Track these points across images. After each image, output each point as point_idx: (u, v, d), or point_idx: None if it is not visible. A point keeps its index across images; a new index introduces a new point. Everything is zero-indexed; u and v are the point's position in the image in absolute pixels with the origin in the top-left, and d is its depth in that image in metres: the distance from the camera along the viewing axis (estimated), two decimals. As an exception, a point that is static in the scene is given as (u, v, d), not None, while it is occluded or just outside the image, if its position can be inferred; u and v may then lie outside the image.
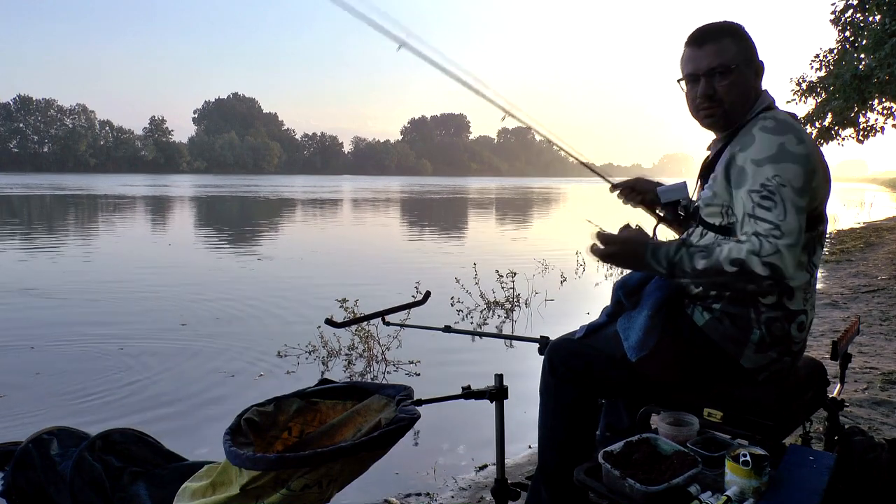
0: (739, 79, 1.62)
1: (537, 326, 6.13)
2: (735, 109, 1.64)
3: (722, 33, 1.64)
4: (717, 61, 1.62)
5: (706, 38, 1.65)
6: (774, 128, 1.52)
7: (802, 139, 1.51)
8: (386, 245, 14.01)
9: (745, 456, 1.32)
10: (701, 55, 1.64)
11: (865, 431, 1.94)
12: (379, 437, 1.65)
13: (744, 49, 1.64)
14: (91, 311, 6.77)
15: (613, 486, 1.41)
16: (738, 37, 1.64)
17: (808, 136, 1.54)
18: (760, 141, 1.52)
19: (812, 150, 1.52)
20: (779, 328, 1.58)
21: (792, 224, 1.42)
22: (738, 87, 1.62)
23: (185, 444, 2.73)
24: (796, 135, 1.51)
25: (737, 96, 1.63)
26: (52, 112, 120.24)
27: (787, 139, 1.50)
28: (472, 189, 55.18)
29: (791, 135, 1.51)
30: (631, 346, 1.62)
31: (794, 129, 1.53)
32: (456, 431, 3.52)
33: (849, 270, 9.06)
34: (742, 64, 1.62)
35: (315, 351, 5.03)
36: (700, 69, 1.64)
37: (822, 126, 13.74)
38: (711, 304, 1.62)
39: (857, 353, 4.46)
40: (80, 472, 2.07)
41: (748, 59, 1.64)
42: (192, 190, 45.21)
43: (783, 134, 1.51)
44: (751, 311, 1.58)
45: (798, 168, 1.47)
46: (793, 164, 1.47)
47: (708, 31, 1.66)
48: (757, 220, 1.44)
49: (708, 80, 1.63)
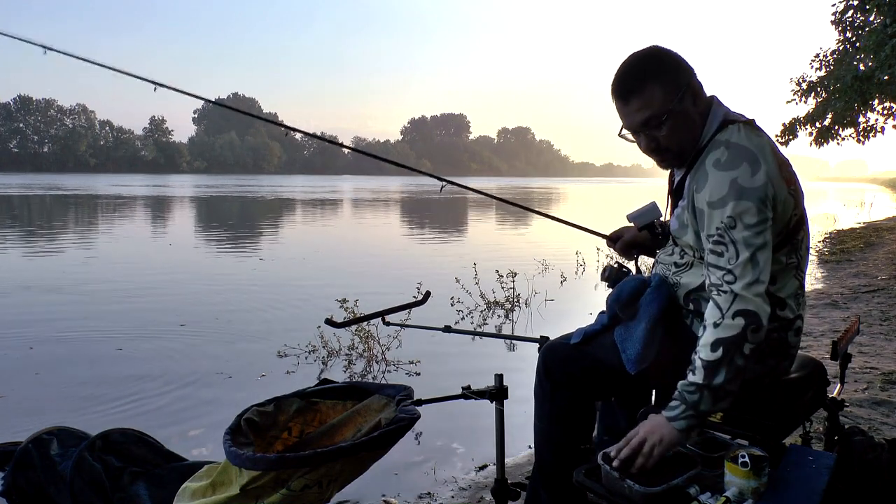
0: (676, 122, 1.53)
1: (537, 326, 6.13)
2: (684, 148, 1.58)
3: (644, 79, 1.52)
4: (646, 114, 1.52)
5: (629, 89, 1.54)
6: (726, 161, 1.45)
7: (757, 166, 1.44)
8: (386, 245, 14.01)
9: (744, 457, 1.32)
10: (629, 111, 1.55)
11: (865, 431, 1.94)
12: (379, 437, 1.65)
13: (671, 87, 1.52)
14: (91, 311, 6.76)
15: (612, 487, 1.41)
16: (660, 75, 1.53)
17: (764, 159, 1.45)
18: (713, 180, 1.46)
19: (767, 177, 1.44)
20: (776, 338, 1.57)
21: (743, 263, 1.39)
22: (678, 130, 1.54)
23: (185, 444, 2.74)
24: (750, 162, 1.44)
25: (680, 137, 1.55)
26: (52, 112, 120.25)
27: (740, 173, 1.43)
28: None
29: (745, 165, 1.44)
30: (630, 359, 1.60)
31: (748, 156, 1.45)
32: (456, 431, 3.51)
33: (849, 270, 9.05)
34: (675, 105, 1.51)
35: (315, 351, 5.02)
36: (634, 126, 1.57)
37: (823, 126, 13.74)
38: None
39: (857, 353, 4.46)
40: (80, 472, 2.07)
41: (679, 96, 1.52)
42: (192, 190, 45.20)
43: (735, 168, 1.44)
44: None
45: (750, 204, 1.41)
46: (745, 200, 1.41)
47: (629, 79, 1.55)
48: (711, 270, 1.44)
49: (646, 135, 1.56)
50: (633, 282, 1.70)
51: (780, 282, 1.55)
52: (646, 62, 1.55)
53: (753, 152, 1.46)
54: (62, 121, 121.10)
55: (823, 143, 14.07)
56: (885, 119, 13.98)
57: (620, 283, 1.73)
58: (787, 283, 1.57)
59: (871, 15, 11.04)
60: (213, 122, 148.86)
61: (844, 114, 12.75)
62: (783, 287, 1.56)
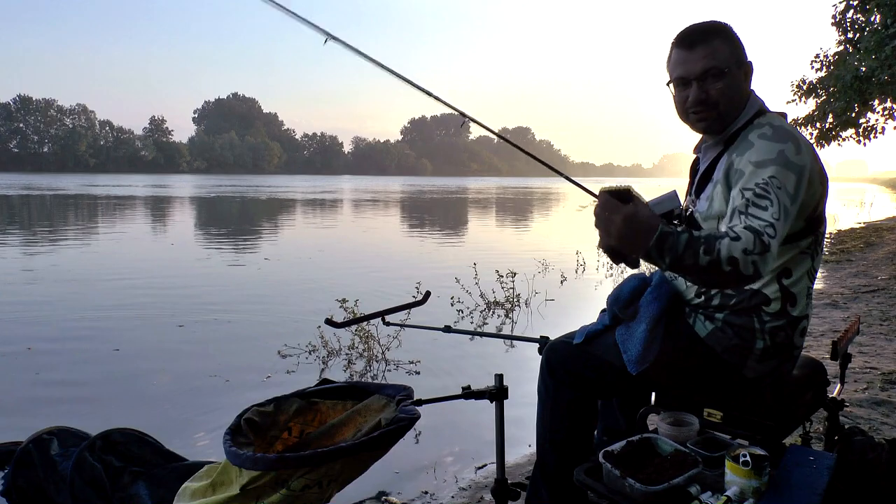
0: (732, 82, 1.58)
1: (537, 326, 6.12)
2: (729, 112, 1.61)
3: (712, 34, 1.59)
4: (709, 64, 1.57)
5: (696, 39, 1.59)
6: (773, 135, 1.50)
7: (800, 148, 1.48)
8: (386, 245, 14.00)
9: (745, 456, 1.32)
10: (692, 58, 1.58)
11: (865, 431, 1.94)
12: (379, 437, 1.65)
13: (734, 50, 1.60)
14: (90, 311, 6.76)
15: (614, 485, 1.41)
16: (727, 37, 1.60)
17: (805, 144, 1.51)
18: (759, 147, 1.48)
19: (809, 159, 1.49)
20: (782, 336, 1.56)
21: (782, 228, 1.36)
22: (731, 89, 1.58)
23: (185, 444, 2.74)
24: (794, 143, 1.48)
25: (730, 99, 1.59)
26: (52, 112, 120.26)
27: (787, 147, 1.47)
28: (472, 189, 55.33)
29: (790, 143, 1.48)
30: (631, 359, 1.61)
31: (793, 137, 1.50)
32: (456, 431, 3.51)
33: (849, 270, 9.05)
34: (734, 66, 1.58)
35: (315, 351, 5.02)
36: (692, 73, 1.59)
37: (823, 127, 13.72)
38: (714, 314, 1.60)
39: (857, 353, 4.46)
40: (80, 472, 2.07)
41: (739, 60, 1.60)
42: (192, 190, 45.21)
43: (783, 142, 1.48)
44: (754, 320, 1.56)
45: (794, 176, 1.43)
46: (790, 171, 1.43)
47: (697, 31, 1.61)
48: (751, 216, 1.35)
49: (700, 84, 1.59)
50: (633, 281, 1.70)
51: (794, 274, 1.55)
52: (716, 24, 1.63)
53: (797, 136, 1.52)
54: (62, 121, 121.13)
55: (824, 144, 14.05)
56: (886, 119, 13.98)
57: (621, 283, 1.73)
58: (801, 279, 1.57)
59: (871, 15, 11.03)
60: (213, 122, 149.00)
61: (844, 114, 12.73)
62: (796, 282, 1.55)
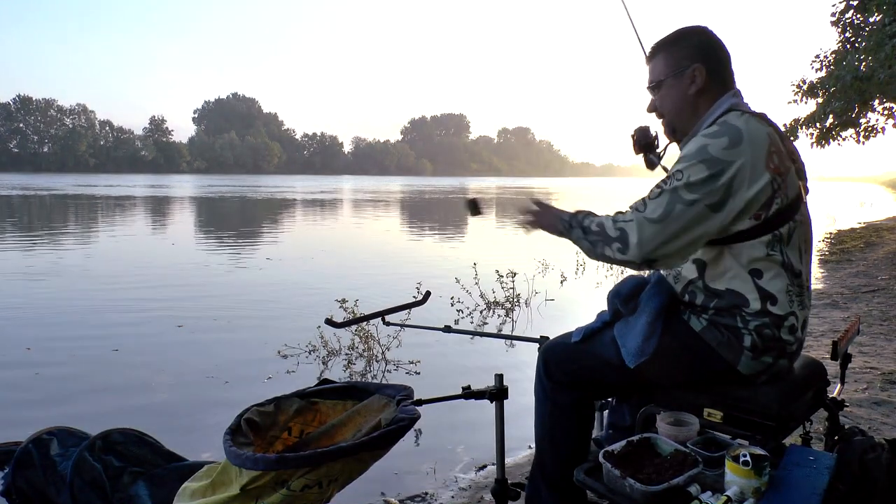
0: (668, 92, 1.68)
1: (537, 326, 6.12)
2: (674, 121, 1.71)
3: (658, 49, 1.71)
4: (652, 78, 1.71)
5: (649, 55, 1.74)
6: (711, 133, 1.52)
7: (736, 145, 1.47)
8: (386, 245, 14.00)
9: (745, 456, 1.32)
10: (648, 71, 1.75)
11: (865, 431, 1.94)
12: (379, 437, 1.65)
13: (675, 61, 1.66)
14: (90, 311, 6.76)
15: (614, 485, 1.41)
16: (671, 49, 1.68)
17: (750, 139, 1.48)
18: (691, 144, 1.55)
19: (742, 154, 1.46)
20: (769, 334, 1.56)
21: (658, 204, 1.46)
22: (670, 99, 1.68)
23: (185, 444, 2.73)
24: (731, 138, 1.48)
25: (669, 108, 1.69)
26: (52, 112, 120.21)
27: (714, 142, 1.48)
28: (472, 189, 55.33)
29: (725, 139, 1.48)
30: (629, 352, 1.61)
31: (732, 133, 1.48)
32: (456, 431, 3.52)
33: (849, 270, 9.05)
34: (671, 77, 1.66)
35: (315, 351, 5.03)
36: (647, 85, 1.75)
37: (823, 127, 13.70)
38: (701, 314, 1.62)
39: (857, 353, 4.46)
40: (80, 472, 2.07)
41: (678, 71, 1.65)
42: (193, 190, 45.20)
43: (715, 138, 1.50)
44: (737, 319, 1.57)
45: (704, 167, 1.46)
46: (701, 164, 1.47)
47: (652, 47, 1.74)
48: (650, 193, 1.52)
49: (652, 96, 1.73)
50: (633, 279, 1.73)
51: (766, 275, 1.55)
52: (670, 36, 1.71)
53: (741, 132, 1.51)
54: (62, 121, 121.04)
55: (825, 144, 14.04)
56: (886, 119, 13.98)
57: (621, 281, 1.75)
58: (775, 279, 1.55)
59: (871, 15, 11.03)
60: (213, 122, 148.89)
61: (844, 114, 12.73)
62: (771, 281, 1.55)
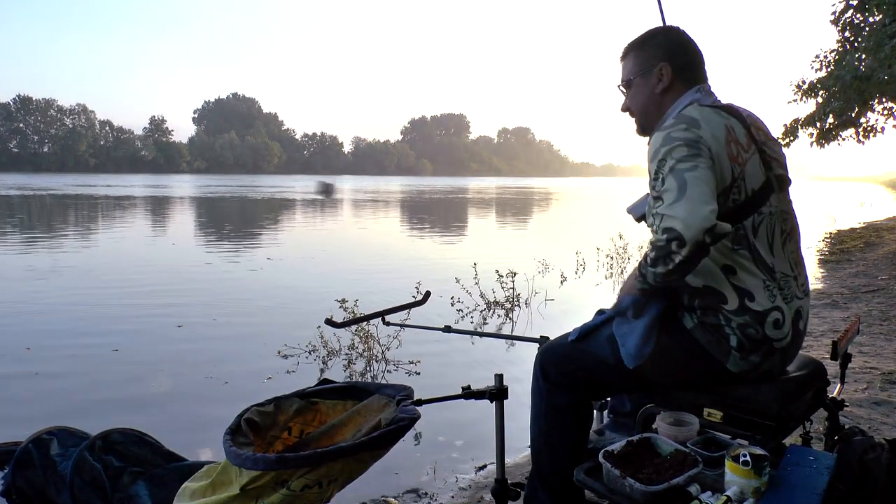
0: (637, 90, 1.76)
1: (537, 326, 6.13)
2: (642, 118, 1.78)
3: (629, 49, 1.78)
4: (623, 77, 1.80)
5: (623, 54, 1.81)
6: (668, 125, 1.57)
7: (694, 128, 1.52)
8: (386, 245, 14.00)
9: (745, 456, 1.32)
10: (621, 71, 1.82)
11: (865, 431, 1.94)
12: (379, 437, 1.65)
13: (642, 60, 1.74)
14: (89, 311, 6.76)
15: (613, 485, 1.41)
16: (639, 50, 1.76)
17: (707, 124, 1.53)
18: (653, 140, 1.58)
19: (702, 135, 1.51)
20: (753, 332, 1.56)
21: (670, 188, 1.44)
22: (638, 97, 1.76)
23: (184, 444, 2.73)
24: (688, 124, 1.53)
25: (638, 106, 1.77)
26: (52, 112, 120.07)
27: (675, 128, 1.53)
28: (472, 189, 55.35)
29: (682, 125, 1.54)
30: (629, 353, 1.61)
31: (688, 121, 1.54)
32: (456, 431, 3.52)
33: (849, 270, 9.05)
34: (639, 76, 1.74)
35: (315, 351, 5.03)
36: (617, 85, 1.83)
37: (823, 127, 13.71)
38: (692, 312, 1.63)
39: (857, 353, 4.46)
40: (80, 472, 2.07)
41: (644, 69, 1.73)
42: (193, 190, 45.20)
43: (672, 127, 1.54)
44: (720, 317, 1.58)
45: (679, 143, 1.49)
46: (674, 142, 1.50)
47: (625, 46, 1.80)
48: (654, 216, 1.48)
49: (623, 96, 1.82)
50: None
51: (739, 272, 1.56)
52: (641, 36, 1.79)
53: (696, 120, 1.55)
54: (62, 121, 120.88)
55: (825, 144, 14.04)
56: (886, 119, 13.98)
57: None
58: (748, 275, 1.56)
59: (871, 15, 11.03)
60: (213, 122, 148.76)
61: (844, 114, 12.72)
62: (745, 278, 1.56)
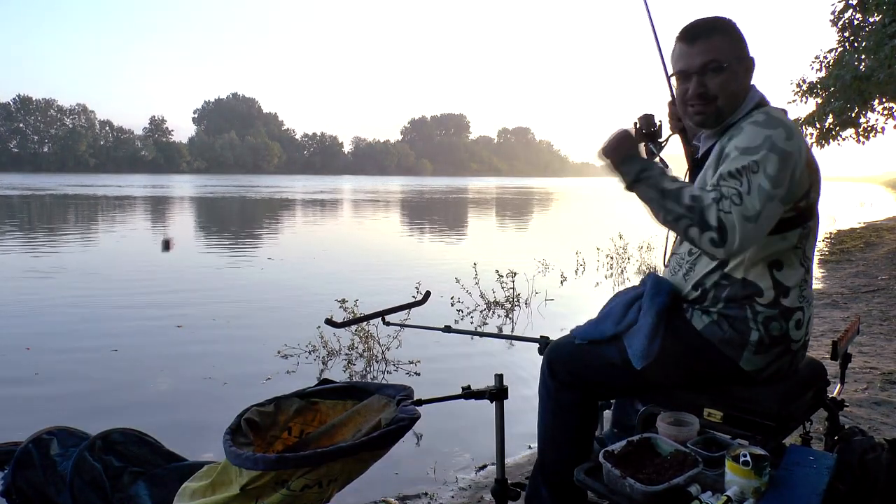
0: (731, 76, 1.62)
1: (537, 326, 6.13)
2: (726, 107, 1.64)
3: (714, 30, 1.64)
4: (709, 58, 1.61)
5: (697, 34, 1.64)
6: (765, 122, 1.53)
7: (791, 135, 1.51)
8: (386, 245, 14.00)
9: (745, 456, 1.32)
10: (692, 52, 1.63)
11: (865, 431, 1.94)
12: (379, 437, 1.65)
13: (735, 46, 1.64)
14: (89, 311, 6.76)
15: (614, 485, 1.41)
16: (729, 33, 1.64)
17: (798, 134, 1.54)
18: (748, 132, 1.52)
19: (799, 147, 1.51)
20: (776, 327, 1.58)
21: (754, 202, 1.41)
22: (730, 84, 1.62)
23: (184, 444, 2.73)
24: (786, 130, 1.51)
25: (728, 94, 1.63)
26: (52, 112, 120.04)
27: (776, 133, 1.50)
28: (472, 189, 55.34)
29: (781, 129, 1.51)
30: (636, 353, 1.62)
31: (785, 125, 1.53)
32: (456, 431, 3.52)
33: (849, 270, 9.05)
34: (734, 61, 1.62)
35: (315, 351, 5.02)
36: (692, 67, 1.63)
37: (823, 127, 13.71)
38: (709, 308, 1.63)
39: (857, 353, 4.46)
40: (80, 472, 2.07)
41: (739, 56, 1.64)
42: (193, 190, 45.20)
43: (773, 128, 1.51)
44: (747, 310, 1.59)
45: (777, 159, 1.46)
46: (774, 154, 1.46)
47: (699, 27, 1.65)
48: (722, 186, 1.45)
49: (699, 78, 1.63)
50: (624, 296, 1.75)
51: (785, 267, 1.58)
52: (720, 20, 1.67)
53: (789, 125, 1.54)
54: (62, 121, 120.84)
55: (825, 144, 14.04)
56: (886, 119, 13.98)
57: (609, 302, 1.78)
58: (793, 271, 1.60)
59: (870, 15, 11.03)
60: (213, 122, 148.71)
61: (844, 114, 12.73)
62: (787, 274, 1.58)
